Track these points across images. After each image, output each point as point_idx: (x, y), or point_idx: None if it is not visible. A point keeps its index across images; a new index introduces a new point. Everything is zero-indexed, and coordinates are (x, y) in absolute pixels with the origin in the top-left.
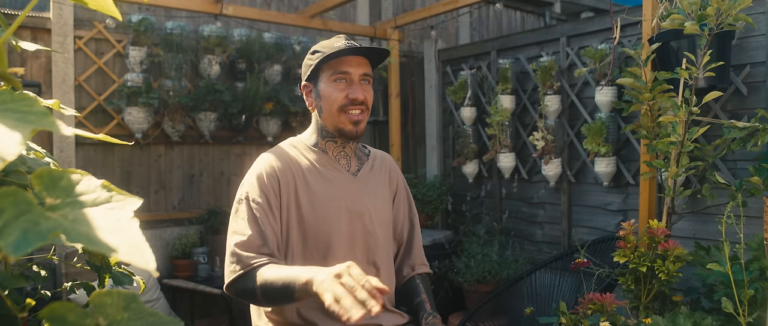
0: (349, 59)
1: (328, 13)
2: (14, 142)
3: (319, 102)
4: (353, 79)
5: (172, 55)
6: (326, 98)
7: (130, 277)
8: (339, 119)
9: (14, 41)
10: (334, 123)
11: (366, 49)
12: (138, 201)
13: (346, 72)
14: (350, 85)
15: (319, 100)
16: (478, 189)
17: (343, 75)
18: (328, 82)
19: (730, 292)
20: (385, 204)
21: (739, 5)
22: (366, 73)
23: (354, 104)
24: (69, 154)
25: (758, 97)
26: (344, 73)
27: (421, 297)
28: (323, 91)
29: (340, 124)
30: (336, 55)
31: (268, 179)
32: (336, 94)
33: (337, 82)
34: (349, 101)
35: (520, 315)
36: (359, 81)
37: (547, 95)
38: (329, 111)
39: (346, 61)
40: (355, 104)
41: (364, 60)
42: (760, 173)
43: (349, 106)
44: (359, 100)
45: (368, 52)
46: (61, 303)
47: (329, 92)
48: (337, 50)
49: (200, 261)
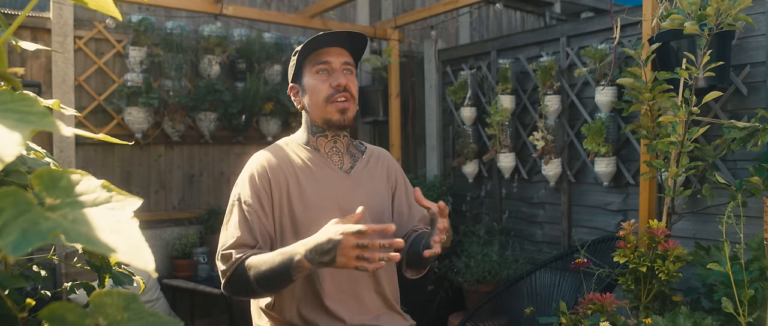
0: (328, 50)
1: (328, 13)
2: (14, 142)
3: (305, 97)
4: (334, 67)
5: (172, 55)
6: (311, 91)
7: (130, 277)
8: (326, 110)
9: (14, 41)
10: (322, 115)
11: (342, 33)
12: (138, 201)
13: (327, 62)
14: (332, 74)
15: (304, 95)
16: (478, 189)
17: (324, 65)
18: (310, 75)
19: (730, 292)
20: (382, 201)
21: (739, 5)
22: (347, 62)
23: (338, 91)
24: (69, 154)
25: (758, 97)
26: (325, 63)
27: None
28: (307, 85)
29: (327, 114)
30: (313, 47)
31: (260, 179)
32: (319, 84)
33: (319, 73)
34: (333, 90)
35: (520, 315)
36: (341, 70)
37: (547, 95)
38: (315, 103)
39: (326, 51)
40: (339, 91)
41: (344, 50)
42: (760, 173)
43: (335, 95)
44: (342, 85)
45: (344, 37)
46: (61, 303)
47: (313, 84)
48: (311, 40)
49: (200, 261)
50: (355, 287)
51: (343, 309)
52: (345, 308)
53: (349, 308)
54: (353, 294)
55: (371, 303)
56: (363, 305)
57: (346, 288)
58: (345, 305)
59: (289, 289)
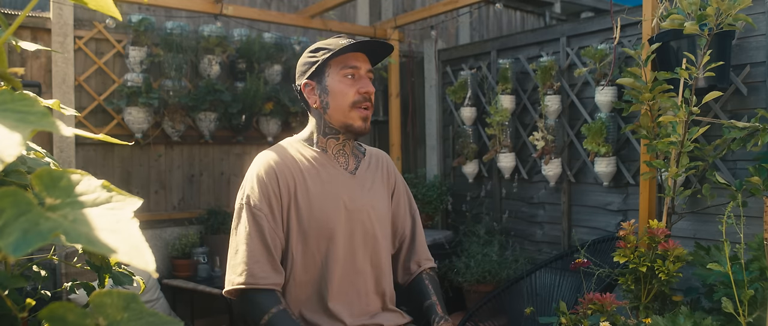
0: (356, 55)
1: (328, 13)
2: (14, 142)
3: (325, 98)
4: (361, 74)
5: (172, 55)
6: (335, 94)
7: (130, 277)
8: (349, 115)
9: (14, 41)
10: (343, 119)
11: (374, 43)
12: (138, 201)
13: (355, 67)
14: (359, 80)
15: (325, 96)
16: (478, 189)
17: (352, 70)
18: (336, 77)
19: (730, 292)
20: (383, 203)
21: (739, 5)
22: (370, 69)
23: (365, 99)
24: (69, 154)
25: (758, 97)
26: (353, 68)
27: (431, 299)
28: (332, 87)
29: (349, 119)
30: (345, 51)
31: (268, 179)
32: (346, 89)
33: (346, 77)
34: (360, 97)
35: (520, 315)
36: (367, 77)
37: (547, 95)
38: (338, 107)
39: (354, 56)
40: (366, 99)
41: (367, 58)
42: (760, 173)
43: (362, 102)
44: (370, 93)
45: (376, 46)
46: (61, 303)
47: (339, 88)
48: (348, 45)
49: (200, 261)
50: (358, 288)
51: (345, 310)
52: (347, 309)
53: (351, 309)
54: (355, 296)
55: (372, 304)
56: (364, 306)
57: (349, 289)
58: (347, 306)
59: (292, 290)
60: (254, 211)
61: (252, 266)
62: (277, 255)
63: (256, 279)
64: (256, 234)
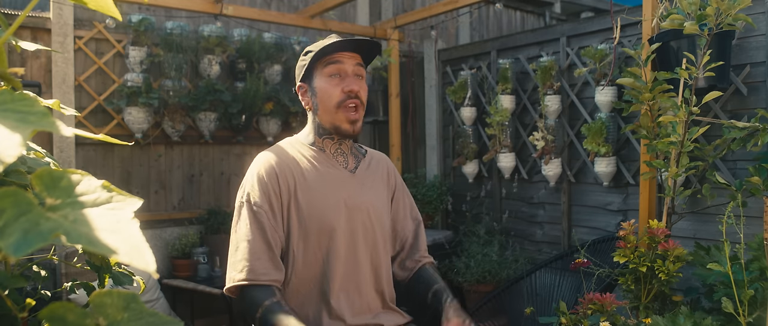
0: (341, 54)
1: (328, 13)
2: (14, 142)
3: (314, 99)
4: (347, 72)
5: (172, 55)
6: (322, 94)
7: (130, 277)
8: (336, 116)
9: (14, 41)
10: (331, 120)
11: (357, 41)
12: (138, 201)
13: (339, 62)
14: (344, 79)
15: (314, 97)
16: (478, 189)
17: (336, 68)
18: (322, 78)
19: (730, 292)
20: (383, 203)
21: (739, 5)
22: (359, 65)
23: (350, 97)
24: (69, 154)
25: (758, 97)
26: (337, 64)
27: (440, 283)
28: (318, 88)
29: (336, 121)
30: (328, 50)
31: (269, 178)
32: (331, 89)
33: (331, 77)
34: (345, 96)
35: (520, 315)
36: (353, 75)
37: (547, 95)
38: (325, 108)
39: (339, 56)
40: (351, 97)
41: (356, 55)
42: (760, 173)
43: (346, 101)
44: (355, 91)
45: (360, 44)
46: (61, 303)
47: (324, 88)
48: (328, 45)
49: (200, 261)
50: (358, 286)
51: (346, 308)
52: (347, 307)
53: (352, 307)
54: (356, 293)
55: (372, 302)
56: (364, 304)
57: (350, 287)
58: (348, 304)
59: (293, 288)
60: (255, 209)
61: (253, 262)
62: (278, 252)
63: (256, 275)
64: (257, 232)
